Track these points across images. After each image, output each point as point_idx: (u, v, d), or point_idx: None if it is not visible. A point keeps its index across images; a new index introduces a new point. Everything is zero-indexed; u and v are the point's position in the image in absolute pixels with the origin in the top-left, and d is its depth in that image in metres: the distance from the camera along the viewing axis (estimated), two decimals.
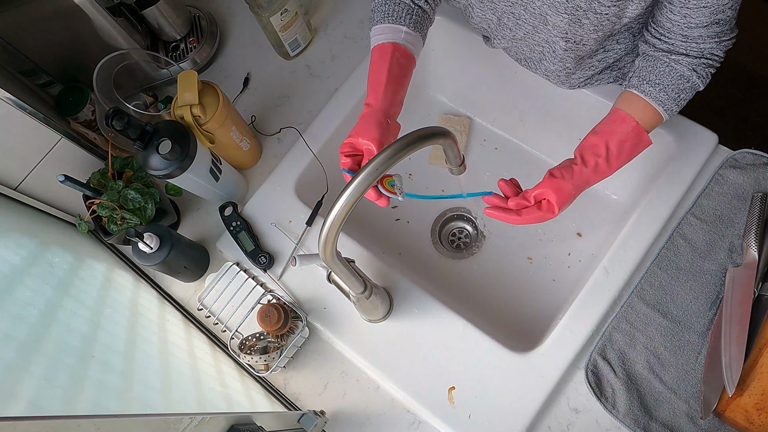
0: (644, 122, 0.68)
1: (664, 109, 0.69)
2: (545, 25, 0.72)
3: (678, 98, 0.69)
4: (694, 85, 0.69)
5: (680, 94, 0.69)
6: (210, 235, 0.92)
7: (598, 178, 0.68)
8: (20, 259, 0.68)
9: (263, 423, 0.59)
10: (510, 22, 0.77)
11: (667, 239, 0.77)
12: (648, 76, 0.69)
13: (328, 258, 0.57)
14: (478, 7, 0.79)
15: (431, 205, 1.01)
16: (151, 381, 0.63)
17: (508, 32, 0.79)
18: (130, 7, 0.95)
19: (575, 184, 0.66)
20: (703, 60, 0.68)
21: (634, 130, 0.67)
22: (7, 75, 0.86)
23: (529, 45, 0.79)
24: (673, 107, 0.69)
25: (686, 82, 0.68)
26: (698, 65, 0.68)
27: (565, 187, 0.65)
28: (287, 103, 0.99)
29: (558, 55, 0.77)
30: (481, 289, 0.94)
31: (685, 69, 0.68)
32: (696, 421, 0.68)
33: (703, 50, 0.67)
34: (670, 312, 0.73)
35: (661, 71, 0.69)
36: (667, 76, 0.68)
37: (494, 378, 0.74)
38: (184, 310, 0.88)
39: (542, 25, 0.73)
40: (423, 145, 0.54)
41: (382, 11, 0.73)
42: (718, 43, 0.67)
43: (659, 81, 0.68)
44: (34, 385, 0.48)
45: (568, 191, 0.65)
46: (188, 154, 0.74)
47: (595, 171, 0.67)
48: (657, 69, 0.69)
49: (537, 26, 0.74)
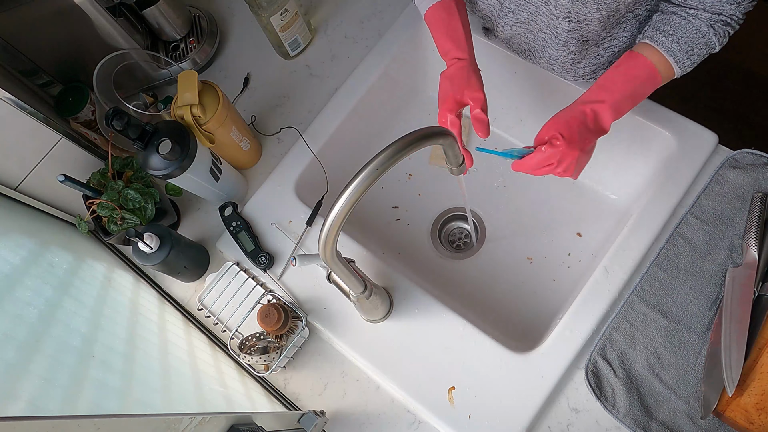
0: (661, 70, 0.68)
1: (675, 60, 0.68)
2: (547, 5, 0.72)
3: (691, 52, 0.68)
4: (709, 42, 0.68)
5: (693, 48, 0.68)
6: (210, 235, 0.92)
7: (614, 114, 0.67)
8: (20, 259, 0.68)
9: (263, 423, 0.59)
10: (512, 4, 0.77)
11: (667, 239, 0.77)
12: (662, 27, 0.68)
13: (328, 258, 0.56)
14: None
15: (431, 205, 1.01)
16: (151, 381, 0.63)
17: (511, 16, 0.79)
18: (130, 7, 0.95)
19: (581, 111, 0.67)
20: (722, 17, 0.67)
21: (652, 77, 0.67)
22: (7, 75, 0.86)
23: (532, 30, 0.79)
24: (685, 60, 0.68)
25: (701, 38, 0.67)
26: (716, 21, 0.67)
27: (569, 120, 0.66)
28: (287, 103, 0.99)
29: (561, 39, 0.77)
30: (481, 289, 0.94)
31: (702, 24, 0.67)
32: (696, 421, 0.68)
33: (722, 9, 0.66)
34: (670, 312, 0.73)
35: (676, 23, 0.68)
36: (681, 29, 0.67)
37: (494, 378, 0.74)
38: (184, 310, 0.88)
39: (544, 5, 0.72)
40: (423, 145, 0.54)
41: None
42: (738, 5, 0.66)
43: (673, 32, 0.67)
44: (34, 385, 0.48)
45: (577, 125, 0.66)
46: (188, 154, 0.74)
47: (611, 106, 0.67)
48: (672, 21, 0.68)
49: (539, 6, 0.74)
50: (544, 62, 0.85)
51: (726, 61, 1.74)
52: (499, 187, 1.01)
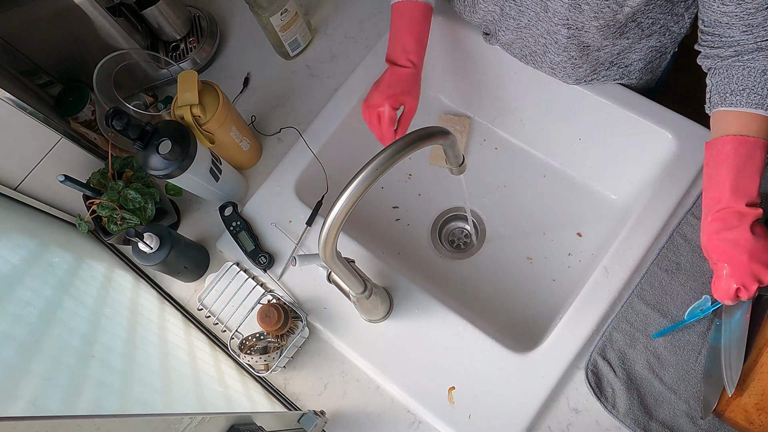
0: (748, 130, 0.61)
1: (765, 109, 0.60)
2: (546, 12, 0.72)
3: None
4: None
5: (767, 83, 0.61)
6: (210, 235, 0.92)
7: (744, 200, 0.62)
8: (20, 259, 0.68)
9: (263, 423, 0.59)
10: (512, 11, 0.77)
11: (667, 239, 0.77)
12: (727, 88, 0.62)
13: (328, 258, 0.57)
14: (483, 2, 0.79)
15: (431, 205, 1.01)
16: (151, 381, 0.63)
17: (512, 22, 0.79)
18: (130, 7, 0.95)
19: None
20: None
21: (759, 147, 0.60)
22: (7, 75, 0.86)
23: (533, 35, 0.79)
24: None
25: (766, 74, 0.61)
26: (763, 40, 0.60)
27: None
28: (287, 103, 0.99)
29: (561, 45, 0.77)
30: (481, 289, 0.94)
31: (765, 63, 0.60)
32: (696, 421, 0.68)
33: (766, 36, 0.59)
34: (670, 312, 0.73)
35: (738, 77, 0.61)
36: (748, 79, 0.61)
37: (494, 378, 0.74)
38: (184, 310, 0.88)
39: (543, 12, 0.73)
40: (423, 145, 0.54)
41: None
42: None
43: (743, 87, 0.61)
44: (34, 385, 0.48)
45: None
46: (188, 154, 0.74)
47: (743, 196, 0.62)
48: (733, 77, 0.62)
49: (539, 13, 0.74)
50: (545, 67, 0.85)
51: None
52: (499, 187, 1.01)
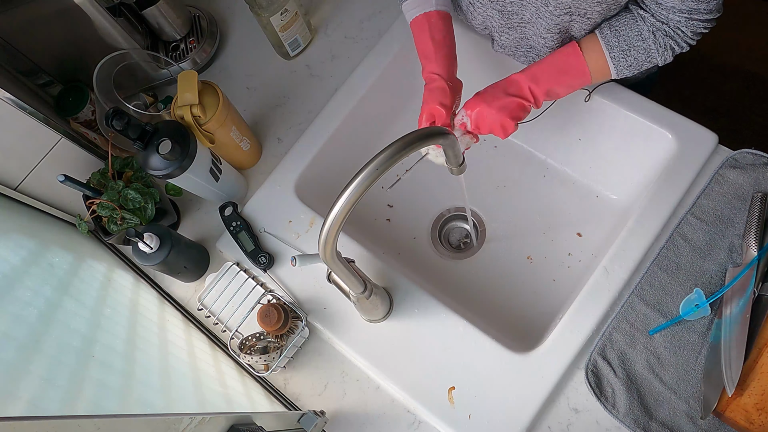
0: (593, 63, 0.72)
1: (611, 56, 0.71)
2: (547, 6, 0.72)
3: (628, 52, 0.70)
4: (648, 49, 0.70)
5: (631, 49, 0.70)
6: (210, 235, 0.92)
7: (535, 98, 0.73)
8: (20, 259, 0.68)
9: (263, 423, 0.59)
10: (514, 7, 0.77)
11: (667, 239, 0.77)
12: (613, 22, 0.71)
13: (328, 258, 0.57)
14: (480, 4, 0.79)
15: (431, 205, 1.01)
16: (151, 381, 0.63)
17: (515, 18, 0.79)
18: (130, 7, 0.95)
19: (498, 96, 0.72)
20: (666, 27, 0.68)
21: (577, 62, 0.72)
22: (7, 75, 0.86)
23: (535, 31, 0.79)
24: (620, 59, 0.71)
25: (641, 41, 0.69)
26: (658, 30, 0.68)
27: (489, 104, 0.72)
28: (287, 103, 0.99)
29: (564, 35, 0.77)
30: (481, 289, 0.94)
31: (645, 27, 0.69)
32: (696, 421, 0.68)
33: (669, 19, 0.67)
34: (670, 312, 0.73)
35: (625, 20, 0.70)
36: (626, 26, 0.70)
37: (494, 378, 0.74)
38: (184, 310, 0.88)
39: (544, 6, 0.73)
40: (423, 145, 0.54)
41: None
42: (687, 20, 0.66)
43: (618, 26, 0.70)
44: (34, 385, 0.48)
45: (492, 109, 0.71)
46: (188, 154, 0.74)
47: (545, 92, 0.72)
48: (623, 18, 0.70)
49: (539, 7, 0.74)
50: None
51: (726, 61, 1.74)
52: (499, 187, 1.01)
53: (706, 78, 1.73)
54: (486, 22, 0.84)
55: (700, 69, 1.73)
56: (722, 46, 1.74)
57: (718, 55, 1.74)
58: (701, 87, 1.72)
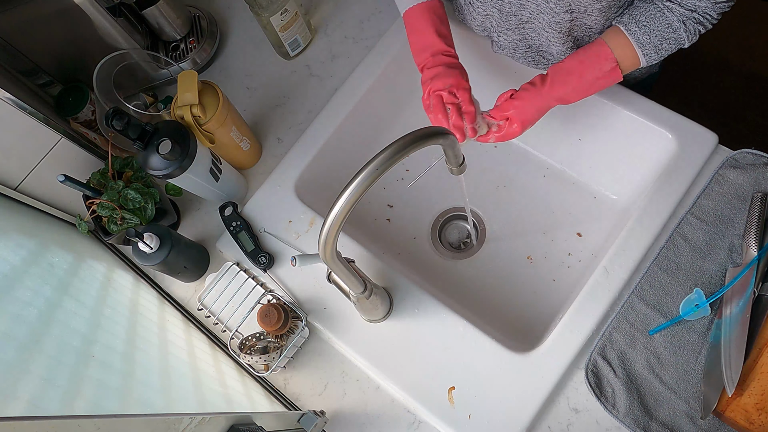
0: (622, 61, 0.71)
1: (643, 53, 0.70)
2: (548, 2, 0.73)
3: (660, 47, 0.70)
4: (679, 38, 0.69)
5: (663, 42, 0.70)
6: (210, 235, 0.92)
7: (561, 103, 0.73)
8: (20, 259, 0.68)
9: (263, 423, 0.59)
10: (513, 7, 0.77)
11: (667, 239, 0.77)
12: (638, 15, 0.70)
13: (328, 258, 0.56)
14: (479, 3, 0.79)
15: (431, 204, 1.01)
16: (151, 381, 0.63)
17: (514, 19, 0.79)
18: (130, 7, 0.95)
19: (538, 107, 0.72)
20: (695, 14, 0.68)
21: (611, 72, 0.71)
22: (7, 75, 0.86)
23: (535, 29, 0.79)
24: (653, 54, 0.70)
25: (672, 33, 0.69)
26: (689, 18, 0.68)
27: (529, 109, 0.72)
28: (287, 103, 0.99)
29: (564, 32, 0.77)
30: (481, 289, 0.94)
31: (675, 18, 0.68)
32: (696, 421, 0.68)
33: (697, 6, 0.67)
34: (670, 312, 0.73)
35: (651, 14, 0.69)
36: (655, 21, 0.69)
37: (494, 378, 0.74)
38: (184, 310, 0.88)
39: (545, 2, 0.73)
40: (423, 145, 0.54)
41: None
42: (714, 3, 0.66)
43: (647, 23, 0.69)
44: (34, 385, 0.48)
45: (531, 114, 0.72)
46: (188, 154, 0.74)
47: (560, 99, 0.72)
48: (648, 11, 0.69)
49: (540, 4, 0.74)
50: (552, 63, 0.85)
51: (726, 60, 1.74)
52: (499, 187, 1.01)
53: (706, 78, 1.73)
54: (485, 22, 0.84)
55: (701, 69, 1.73)
56: (723, 46, 1.74)
57: (718, 54, 1.74)
58: (701, 87, 1.72)
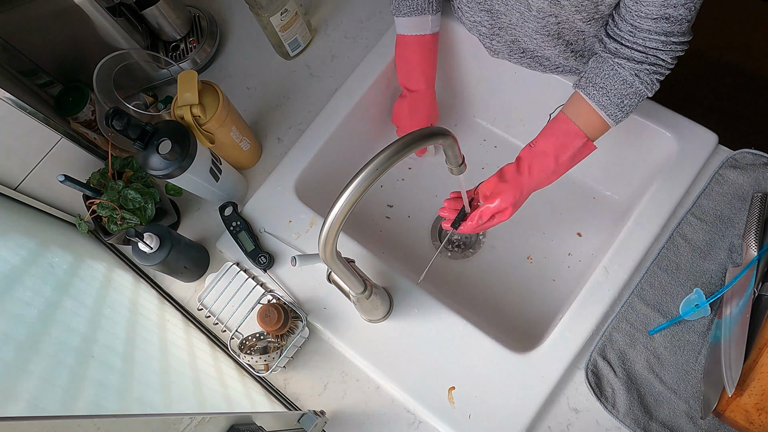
0: (591, 128, 0.70)
1: (607, 114, 0.69)
2: (530, 10, 0.72)
3: (621, 104, 0.69)
4: (638, 92, 0.68)
5: (623, 99, 0.69)
6: (210, 235, 0.92)
7: (542, 186, 0.74)
8: (20, 259, 0.68)
9: (263, 423, 0.59)
10: (501, 7, 0.77)
11: (667, 239, 0.77)
12: (594, 78, 0.70)
13: (328, 258, 0.57)
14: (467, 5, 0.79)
15: (431, 204, 1.01)
16: (151, 381, 0.63)
17: (504, 18, 0.79)
18: (130, 7, 0.95)
19: (520, 195, 0.72)
20: (647, 66, 0.67)
21: (584, 147, 0.71)
22: (7, 75, 0.86)
23: (527, 34, 0.79)
24: (617, 113, 0.69)
25: (629, 88, 0.68)
26: (641, 70, 0.67)
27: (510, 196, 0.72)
28: (287, 103, 0.99)
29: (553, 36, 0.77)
30: (481, 289, 0.94)
31: (627, 74, 0.67)
32: (696, 421, 0.68)
33: (647, 50, 0.66)
34: (670, 312, 0.73)
35: (606, 74, 0.69)
36: (611, 80, 0.68)
37: (494, 378, 0.74)
38: (184, 310, 0.88)
39: (527, 10, 0.73)
40: (423, 145, 0.54)
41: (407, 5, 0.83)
42: (665, 44, 0.65)
43: (603, 84, 0.69)
44: (34, 385, 0.48)
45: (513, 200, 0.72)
46: (188, 154, 0.74)
47: (540, 182, 0.73)
48: (603, 72, 0.69)
49: (523, 12, 0.74)
50: (549, 65, 0.85)
51: (725, 61, 1.74)
52: None
53: (706, 78, 1.72)
54: (475, 28, 0.85)
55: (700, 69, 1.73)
56: (722, 46, 1.74)
57: (718, 54, 1.74)
58: (701, 87, 1.71)
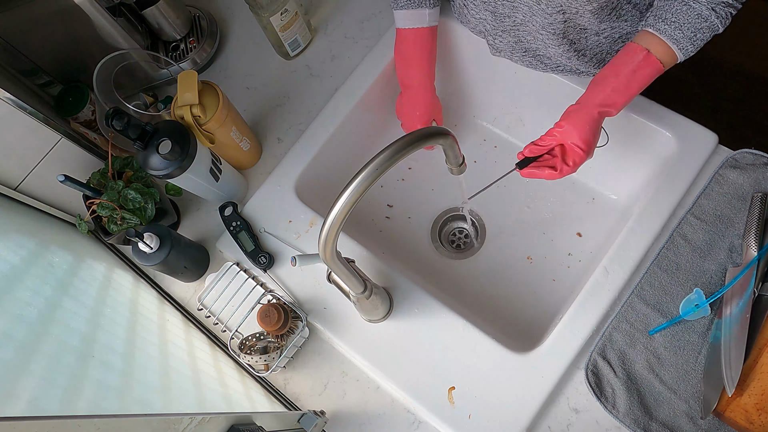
0: (664, 62, 0.69)
1: (678, 48, 0.68)
2: (539, 4, 0.72)
3: (694, 38, 0.67)
4: (712, 26, 0.67)
5: (696, 33, 0.67)
6: (210, 235, 0.92)
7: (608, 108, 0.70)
8: (20, 259, 0.68)
9: (263, 423, 0.59)
10: (506, 8, 0.77)
11: (667, 239, 0.77)
12: (664, 14, 0.68)
13: (328, 258, 0.57)
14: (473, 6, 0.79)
15: (431, 204, 1.01)
16: (151, 381, 0.63)
17: (507, 20, 0.79)
18: (130, 7, 0.95)
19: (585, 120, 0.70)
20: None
21: (645, 59, 0.68)
22: (7, 75, 0.86)
23: (530, 32, 0.79)
24: (689, 47, 0.68)
25: (704, 22, 0.66)
26: (717, 3, 0.65)
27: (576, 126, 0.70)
28: (287, 103, 0.99)
29: (559, 34, 0.77)
30: (481, 289, 0.94)
31: (703, 8, 0.66)
32: (696, 421, 0.68)
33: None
34: (670, 312, 0.73)
35: (677, 9, 0.67)
36: (683, 15, 0.67)
37: (494, 378, 0.74)
38: (184, 310, 0.88)
39: (536, 4, 0.72)
40: (423, 145, 0.54)
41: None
42: None
43: (675, 19, 0.67)
44: (34, 385, 0.48)
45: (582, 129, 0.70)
46: (188, 154, 0.74)
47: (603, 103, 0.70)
48: (674, 7, 0.67)
49: (532, 6, 0.74)
50: (549, 67, 0.85)
51: (726, 61, 1.74)
52: (499, 187, 1.00)
53: (706, 78, 1.72)
54: (479, 25, 0.85)
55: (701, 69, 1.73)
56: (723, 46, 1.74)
57: (718, 54, 1.74)
58: (701, 87, 1.71)
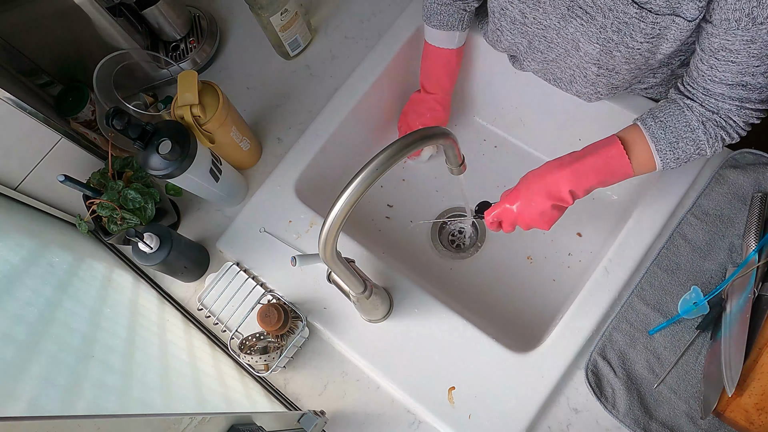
0: (637, 162, 0.67)
1: (656, 147, 0.66)
2: (577, 51, 0.71)
3: (675, 145, 0.65)
4: (697, 140, 0.65)
5: (679, 141, 0.65)
6: (210, 235, 0.92)
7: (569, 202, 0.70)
8: (20, 259, 0.68)
9: (263, 423, 0.59)
10: (541, 45, 0.76)
11: (667, 239, 0.77)
12: (657, 112, 0.67)
13: (328, 258, 0.57)
14: (509, 31, 0.78)
15: (431, 205, 1.01)
16: (151, 381, 0.63)
17: (539, 54, 0.79)
18: (130, 7, 0.95)
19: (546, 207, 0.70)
20: (717, 117, 0.63)
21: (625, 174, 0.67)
22: (7, 75, 0.86)
23: (560, 67, 0.79)
24: (667, 151, 0.66)
25: (690, 132, 0.64)
26: (709, 120, 0.64)
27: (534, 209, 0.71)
28: (287, 103, 0.99)
29: (590, 80, 0.76)
30: (481, 289, 0.94)
31: (694, 117, 0.64)
32: (696, 421, 0.68)
33: (719, 108, 0.63)
34: (670, 312, 0.73)
35: (670, 111, 0.66)
36: (673, 117, 0.65)
37: (494, 378, 0.74)
38: (184, 310, 0.88)
39: (574, 50, 0.72)
40: (423, 145, 0.54)
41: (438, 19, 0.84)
42: (739, 109, 0.62)
43: (663, 118, 0.66)
44: (34, 385, 0.48)
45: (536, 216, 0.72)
46: (188, 154, 0.74)
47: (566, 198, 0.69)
48: (668, 108, 0.66)
49: (569, 50, 0.73)
50: (571, 92, 0.85)
51: None
52: (499, 187, 1.00)
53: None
54: (511, 48, 0.83)
55: None
56: None
57: None
58: None
